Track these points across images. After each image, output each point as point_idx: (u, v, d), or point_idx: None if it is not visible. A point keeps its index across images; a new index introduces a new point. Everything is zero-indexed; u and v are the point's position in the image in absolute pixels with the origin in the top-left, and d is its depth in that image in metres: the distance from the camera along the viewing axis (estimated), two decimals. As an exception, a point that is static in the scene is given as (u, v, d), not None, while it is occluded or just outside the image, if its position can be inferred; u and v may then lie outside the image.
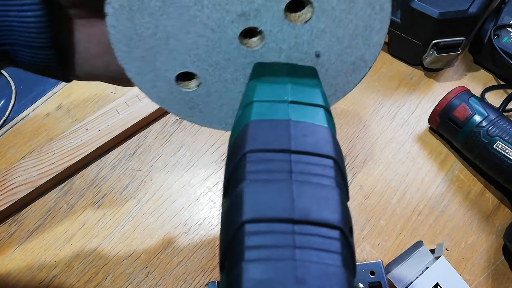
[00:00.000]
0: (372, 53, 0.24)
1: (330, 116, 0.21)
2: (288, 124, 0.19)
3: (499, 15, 0.52)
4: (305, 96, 0.21)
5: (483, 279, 0.41)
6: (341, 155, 0.20)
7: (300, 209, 0.16)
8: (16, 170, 0.46)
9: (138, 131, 0.51)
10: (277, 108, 0.20)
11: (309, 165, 0.18)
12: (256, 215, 0.16)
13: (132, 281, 0.42)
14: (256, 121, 0.20)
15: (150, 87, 0.25)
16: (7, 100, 0.54)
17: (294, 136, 0.19)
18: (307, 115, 0.20)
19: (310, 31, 0.23)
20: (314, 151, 0.18)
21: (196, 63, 0.23)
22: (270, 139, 0.19)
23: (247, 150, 0.18)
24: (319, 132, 0.19)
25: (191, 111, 0.26)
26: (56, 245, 0.44)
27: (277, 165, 0.18)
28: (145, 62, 0.23)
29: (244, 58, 0.24)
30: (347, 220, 0.17)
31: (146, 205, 0.46)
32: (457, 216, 0.44)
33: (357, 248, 0.43)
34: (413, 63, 0.55)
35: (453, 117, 0.45)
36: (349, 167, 0.48)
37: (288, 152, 0.18)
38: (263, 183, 0.17)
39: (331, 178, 0.18)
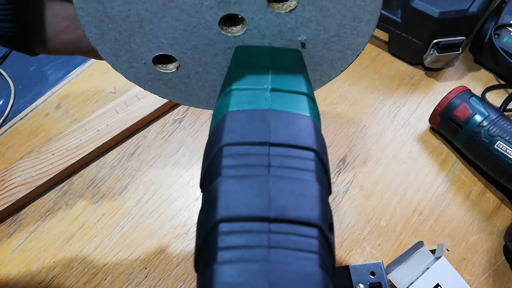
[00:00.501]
0: (360, 42, 0.23)
1: (313, 104, 0.20)
2: (268, 114, 0.18)
3: (499, 14, 0.51)
4: (287, 83, 0.20)
5: (484, 279, 0.41)
6: (324, 146, 0.19)
7: (277, 207, 0.15)
8: (15, 170, 0.46)
9: (137, 131, 0.51)
10: (257, 96, 0.19)
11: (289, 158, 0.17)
12: (230, 213, 0.15)
13: (132, 281, 0.41)
14: (234, 111, 0.19)
15: (126, 68, 0.24)
16: (6, 100, 0.54)
17: (273, 127, 0.18)
18: (289, 104, 0.19)
19: (295, 20, 0.22)
20: (294, 143, 0.17)
21: (174, 46, 0.22)
22: (248, 131, 0.18)
23: (223, 143, 0.17)
24: (301, 122, 0.18)
25: (171, 91, 0.26)
26: (55, 245, 0.44)
27: (255, 159, 0.17)
28: (119, 44, 0.22)
29: (225, 43, 0.23)
30: (326, 217, 0.16)
31: (146, 205, 0.46)
32: (458, 217, 0.44)
33: (358, 248, 0.43)
34: (414, 63, 0.55)
35: (453, 117, 0.45)
36: (350, 167, 0.47)
37: (267, 145, 0.17)
38: (239, 179, 0.16)
39: (311, 171, 0.17)
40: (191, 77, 0.25)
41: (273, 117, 0.18)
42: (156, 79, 0.24)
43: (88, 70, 0.56)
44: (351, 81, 0.54)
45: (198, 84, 0.25)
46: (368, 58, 0.56)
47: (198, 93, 0.26)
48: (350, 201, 0.45)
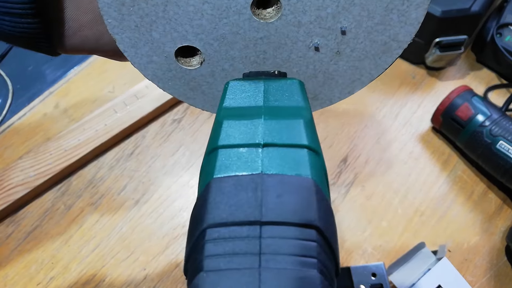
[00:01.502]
0: (408, 32, 0.20)
1: (316, 158, 0.17)
2: (259, 181, 0.15)
3: (501, 13, 0.51)
4: (283, 134, 0.17)
5: (486, 280, 0.41)
6: (329, 217, 0.16)
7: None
8: (13, 171, 0.46)
9: (136, 131, 0.50)
10: (247, 156, 0.16)
11: (284, 241, 0.14)
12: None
13: (130, 283, 0.41)
14: (219, 178, 0.16)
15: (145, 63, 0.22)
16: (3, 99, 0.54)
17: (265, 200, 0.15)
18: (284, 163, 0.16)
19: (337, 2, 0.19)
20: (291, 219, 0.14)
21: (199, 36, 0.20)
22: (235, 207, 0.15)
23: (205, 225, 0.15)
24: (299, 188, 0.15)
25: (193, 93, 0.23)
26: (53, 246, 0.43)
27: (243, 245, 0.14)
28: (140, 33, 0.20)
29: (256, 32, 0.20)
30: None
31: (145, 206, 0.45)
32: (460, 217, 0.44)
33: (359, 249, 0.42)
34: (415, 62, 0.54)
35: (455, 117, 0.45)
36: (351, 167, 0.47)
37: (257, 224, 0.14)
38: (223, 275, 0.13)
39: (311, 258, 0.14)
40: (216, 75, 0.22)
41: (266, 184, 0.15)
42: (178, 77, 0.22)
43: (86, 69, 0.56)
44: (352, 81, 0.53)
45: (222, 84, 0.23)
46: (369, 57, 0.55)
47: None
48: (351, 202, 0.45)
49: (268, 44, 0.21)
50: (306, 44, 0.21)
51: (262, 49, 0.21)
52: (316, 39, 0.21)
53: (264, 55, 0.22)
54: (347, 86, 0.23)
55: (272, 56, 0.22)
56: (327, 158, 0.48)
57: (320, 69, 0.22)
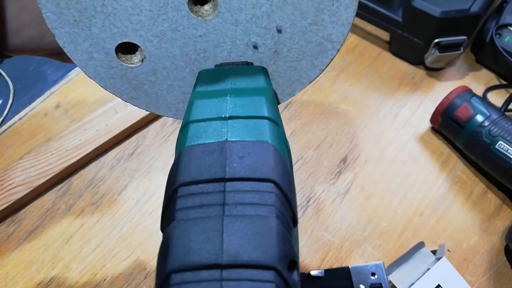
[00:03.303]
0: (340, 32, 0.21)
1: (276, 127, 0.19)
2: (224, 146, 0.17)
3: (501, 14, 0.51)
4: (246, 108, 0.19)
5: (485, 280, 0.41)
6: (286, 174, 0.17)
7: (229, 252, 0.14)
8: (14, 170, 0.46)
9: (137, 131, 0.51)
10: (214, 127, 0.18)
11: (245, 193, 0.16)
12: (181, 263, 0.14)
13: (131, 282, 0.41)
14: (189, 147, 0.18)
15: (86, 60, 0.22)
16: (5, 99, 0.54)
17: (229, 161, 0.17)
18: (247, 132, 0.18)
19: (270, 1, 0.20)
20: (251, 175, 0.16)
21: (139, 32, 0.21)
22: (203, 168, 0.17)
23: (177, 184, 0.16)
24: (259, 150, 0.17)
25: (135, 92, 0.23)
26: (54, 246, 0.43)
27: (210, 198, 0.16)
28: (79, 27, 0.20)
29: (195, 29, 0.21)
30: (284, 255, 0.15)
31: (145, 206, 0.45)
32: (459, 217, 0.44)
33: (358, 249, 0.42)
34: (415, 62, 0.55)
35: (455, 117, 0.45)
36: (350, 167, 0.47)
37: (222, 181, 0.16)
38: (192, 222, 0.15)
39: (268, 206, 0.16)
40: (157, 73, 0.23)
41: (230, 149, 0.17)
42: (119, 75, 0.23)
43: (87, 69, 0.56)
44: (352, 81, 0.53)
45: (166, 83, 0.23)
46: (369, 57, 0.55)
47: (165, 95, 0.24)
48: (351, 202, 0.45)
49: (207, 42, 0.22)
50: (245, 43, 0.22)
51: (202, 48, 0.22)
52: (254, 38, 0.22)
53: (204, 53, 0.22)
54: (287, 87, 0.24)
55: (213, 54, 0.22)
56: (327, 158, 0.48)
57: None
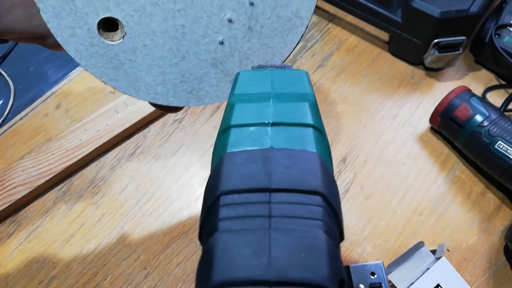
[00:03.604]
0: (308, 7, 0.23)
1: (321, 136, 0.18)
2: (268, 154, 0.17)
3: (500, 14, 0.51)
4: (290, 114, 0.18)
5: (484, 279, 0.41)
6: (333, 186, 0.17)
7: (278, 268, 0.14)
8: (15, 171, 0.46)
9: (137, 131, 0.51)
10: (257, 134, 0.17)
11: (292, 206, 0.15)
12: (226, 278, 0.14)
13: (131, 282, 0.41)
14: (231, 153, 0.17)
15: (68, 36, 0.22)
16: (5, 100, 0.54)
17: (274, 170, 0.16)
18: (291, 139, 0.17)
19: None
20: (298, 187, 0.16)
21: (120, 6, 0.21)
22: (246, 176, 0.16)
23: (219, 192, 0.16)
24: (305, 160, 0.16)
25: (115, 72, 0.24)
26: (55, 245, 0.44)
27: (254, 209, 0.15)
28: (64, 1, 0.21)
29: (174, 3, 0.22)
30: (335, 274, 0.14)
31: (146, 205, 0.46)
32: (458, 217, 0.44)
33: (358, 248, 0.42)
34: (414, 63, 0.55)
35: (454, 117, 0.45)
36: (350, 167, 0.47)
37: (267, 191, 0.15)
38: (236, 234, 0.15)
39: (317, 220, 0.15)
40: (137, 52, 0.23)
41: (274, 157, 0.16)
42: (100, 54, 0.23)
43: (88, 70, 0.56)
44: (351, 81, 0.54)
45: (145, 63, 0.24)
46: (368, 58, 0.56)
47: (144, 76, 0.24)
48: (351, 201, 0.45)
49: (185, 17, 0.22)
50: (220, 18, 0.23)
51: (181, 23, 0.22)
52: (229, 13, 0.22)
53: (182, 29, 0.23)
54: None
55: (190, 30, 0.23)
56: (327, 158, 0.48)
57: (235, 47, 0.24)
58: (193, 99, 0.26)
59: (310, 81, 0.21)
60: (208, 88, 0.25)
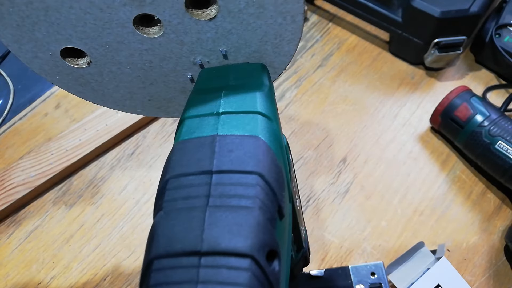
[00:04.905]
0: (282, 61, 0.22)
1: (269, 122, 0.19)
2: (214, 140, 0.18)
3: (500, 14, 0.51)
4: (239, 103, 0.19)
5: (485, 279, 0.41)
6: (274, 167, 0.18)
7: (209, 240, 0.15)
8: (14, 171, 0.46)
9: (137, 131, 0.51)
10: (206, 123, 0.19)
11: (231, 186, 0.16)
12: (163, 250, 0.15)
13: (131, 282, 0.41)
14: (181, 141, 0.18)
15: (30, 58, 0.22)
16: (5, 99, 0.54)
17: (218, 154, 0.17)
18: (238, 126, 0.18)
19: (215, 30, 0.21)
20: (237, 168, 0.17)
21: (84, 41, 0.21)
22: (193, 161, 0.17)
23: (168, 176, 0.17)
24: (248, 144, 0.17)
25: (82, 88, 0.24)
26: (54, 246, 0.44)
27: (196, 190, 0.16)
28: (22, 31, 0.20)
29: (141, 44, 0.21)
30: (263, 244, 0.15)
31: (145, 205, 0.46)
32: (459, 217, 0.44)
33: (358, 249, 0.42)
34: (414, 62, 0.55)
35: (454, 117, 0.45)
36: (350, 167, 0.47)
37: (209, 174, 0.17)
38: (177, 212, 0.16)
39: (252, 198, 0.16)
40: (104, 75, 0.23)
41: (219, 143, 0.18)
42: (65, 73, 0.23)
43: (87, 69, 0.56)
44: (351, 81, 0.54)
45: (112, 84, 0.23)
46: (368, 57, 0.55)
47: (112, 93, 0.24)
48: (351, 202, 0.45)
49: (153, 55, 0.22)
50: (191, 60, 0.22)
51: (148, 59, 0.22)
52: (200, 57, 0.22)
53: (150, 64, 0.23)
54: None
55: (158, 65, 0.23)
56: (327, 158, 0.48)
57: None
58: (162, 113, 0.26)
59: (268, 73, 0.22)
60: (177, 107, 0.26)
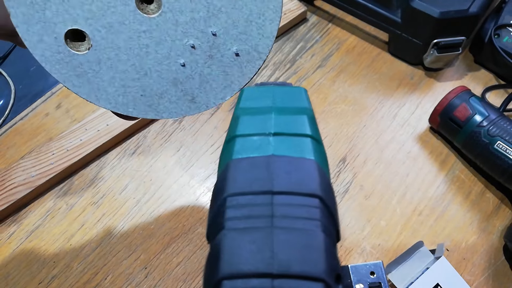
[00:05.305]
0: (266, 44, 0.24)
1: (318, 145, 0.20)
2: (270, 161, 0.18)
3: (499, 14, 0.51)
4: (289, 126, 0.20)
5: (484, 279, 0.41)
6: (330, 191, 0.18)
7: (280, 262, 0.15)
8: (15, 170, 0.46)
9: (138, 131, 0.51)
10: (260, 142, 0.19)
11: (293, 207, 0.17)
12: (232, 270, 0.15)
13: (132, 281, 0.41)
14: (237, 160, 0.19)
15: (36, 41, 0.23)
16: (6, 100, 0.54)
17: (276, 175, 0.18)
18: (291, 148, 0.19)
19: (207, 8, 0.23)
20: (297, 190, 0.17)
21: (88, 21, 0.23)
22: (251, 180, 0.17)
23: (226, 194, 0.17)
24: (304, 167, 0.18)
25: (79, 80, 0.25)
26: (55, 245, 0.44)
27: (258, 210, 0.16)
28: (34, 9, 0.22)
29: (140, 24, 0.23)
30: (332, 269, 0.15)
31: (146, 205, 0.46)
32: (458, 216, 0.44)
33: (358, 248, 0.43)
34: (414, 63, 0.55)
35: (453, 117, 0.45)
36: (350, 167, 0.47)
37: (269, 194, 0.17)
38: (242, 232, 0.16)
39: (316, 220, 0.16)
40: (101, 63, 0.24)
41: (276, 163, 0.18)
42: (65, 61, 0.24)
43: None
44: (351, 81, 0.54)
45: (108, 75, 0.25)
46: (368, 58, 0.56)
47: (106, 87, 0.25)
48: (350, 201, 0.45)
49: (150, 39, 0.24)
50: (183, 43, 0.24)
51: (145, 43, 0.24)
52: (192, 39, 0.24)
53: (146, 48, 0.24)
54: (220, 92, 0.26)
55: (154, 50, 0.24)
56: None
57: (196, 70, 0.25)
58: (152, 112, 0.27)
59: (308, 97, 0.23)
60: (167, 104, 0.27)
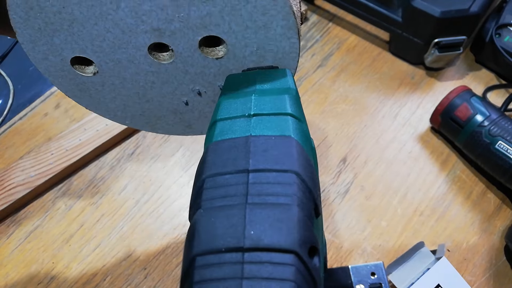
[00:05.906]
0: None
1: (299, 123, 0.20)
2: (249, 141, 0.18)
3: (500, 14, 0.51)
4: (270, 106, 0.20)
5: (485, 280, 0.41)
6: (308, 166, 0.18)
7: (251, 236, 0.15)
8: (14, 171, 0.46)
9: (137, 131, 0.51)
10: (239, 124, 0.19)
11: (268, 184, 0.17)
12: (205, 247, 0.15)
13: (131, 282, 0.41)
14: (215, 142, 0.19)
15: (40, 59, 0.23)
16: (5, 99, 0.54)
17: (253, 154, 0.18)
18: (270, 127, 0.19)
19: (219, 67, 0.23)
20: (274, 167, 0.17)
21: (97, 54, 0.22)
22: (228, 161, 0.18)
23: (204, 176, 0.17)
24: (282, 144, 0.18)
25: (80, 93, 0.25)
26: (54, 246, 0.44)
27: (234, 189, 0.17)
28: (42, 35, 0.22)
29: (149, 66, 0.23)
30: (305, 241, 0.15)
31: (145, 206, 0.45)
32: (459, 217, 0.44)
33: (358, 249, 0.42)
34: (415, 62, 0.55)
35: (454, 117, 0.45)
36: (350, 167, 0.47)
37: (245, 172, 0.17)
38: (216, 210, 0.16)
39: (290, 195, 0.16)
40: (105, 86, 0.24)
41: (254, 143, 0.18)
42: (69, 77, 0.24)
43: (87, 69, 0.56)
44: (351, 81, 0.54)
45: (110, 95, 0.25)
46: (368, 57, 0.55)
47: (108, 103, 0.26)
48: (351, 202, 0.45)
49: (157, 77, 0.24)
50: (190, 88, 0.24)
51: (151, 80, 0.24)
52: (198, 86, 0.24)
53: (152, 84, 0.24)
54: None
55: (159, 87, 0.25)
56: (327, 158, 0.48)
57: (198, 108, 0.26)
58: (148, 128, 0.28)
59: (293, 77, 0.23)
60: (164, 125, 0.28)
